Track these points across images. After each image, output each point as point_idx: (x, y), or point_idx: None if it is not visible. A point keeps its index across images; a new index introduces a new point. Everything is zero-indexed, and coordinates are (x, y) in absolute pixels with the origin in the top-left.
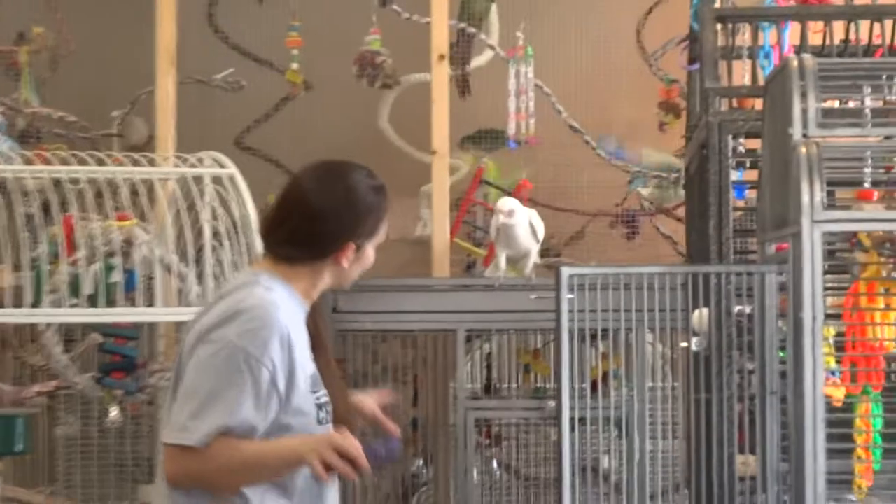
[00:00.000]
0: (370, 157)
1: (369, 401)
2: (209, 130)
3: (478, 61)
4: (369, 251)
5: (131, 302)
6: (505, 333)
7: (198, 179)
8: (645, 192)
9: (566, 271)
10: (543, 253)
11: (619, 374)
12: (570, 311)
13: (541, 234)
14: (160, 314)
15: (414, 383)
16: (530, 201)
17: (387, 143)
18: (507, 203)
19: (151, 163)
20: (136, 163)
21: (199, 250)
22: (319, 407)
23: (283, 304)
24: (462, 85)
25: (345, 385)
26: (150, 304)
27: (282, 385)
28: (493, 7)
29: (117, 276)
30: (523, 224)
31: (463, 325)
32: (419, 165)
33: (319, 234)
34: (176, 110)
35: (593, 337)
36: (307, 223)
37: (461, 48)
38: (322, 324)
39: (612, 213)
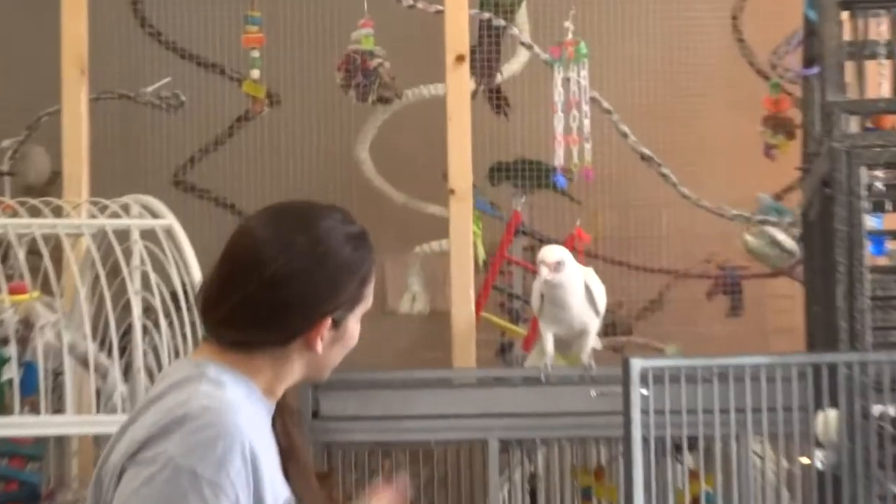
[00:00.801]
0: (359, 202)
1: None
2: (137, 165)
3: (510, 67)
4: (352, 325)
5: (31, 408)
6: (555, 444)
7: (122, 234)
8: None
9: (638, 363)
10: (607, 330)
11: (713, 500)
12: (645, 414)
13: (602, 303)
14: (72, 424)
15: None
16: (587, 257)
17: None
18: (552, 252)
19: (57, 211)
20: (35, 212)
21: (126, 334)
22: None
23: (242, 404)
24: (496, 99)
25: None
26: (58, 410)
27: None
28: None
29: (11, 373)
30: (577, 288)
31: (496, 433)
32: (417, 216)
33: (282, 309)
34: (90, 137)
35: (678, 448)
36: (264, 294)
37: (487, 47)
38: (295, 430)
39: (704, 272)
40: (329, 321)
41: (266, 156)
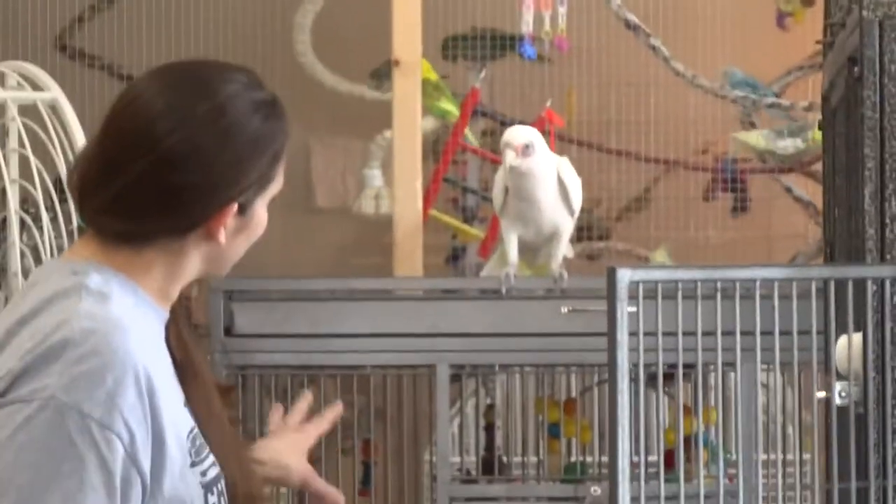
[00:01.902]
0: (284, 78)
1: (288, 451)
2: (13, 25)
3: None
4: (260, 211)
5: None
6: (517, 372)
7: None
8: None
9: (626, 274)
10: (580, 233)
11: (709, 441)
12: (633, 336)
13: (577, 200)
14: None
15: (363, 454)
16: (560, 143)
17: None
18: (520, 134)
19: None
20: None
21: (0, 230)
22: (207, 488)
23: (132, 320)
24: None
25: (239, 438)
26: None
27: (145, 462)
28: None
29: None
30: (548, 180)
31: (446, 356)
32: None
33: (179, 193)
34: None
35: (668, 378)
36: (157, 175)
37: None
38: (192, 340)
39: (699, 165)
40: (234, 206)
41: (171, 16)
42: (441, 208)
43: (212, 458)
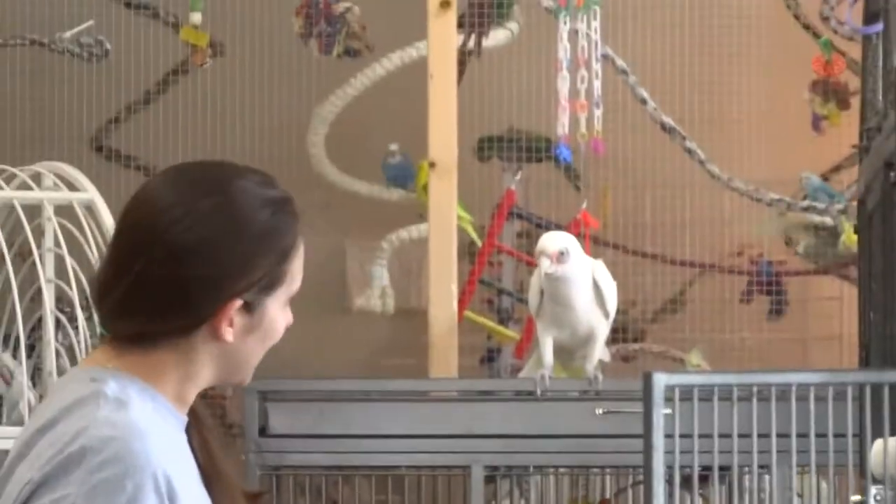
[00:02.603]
0: (318, 179)
1: None
2: (50, 126)
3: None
4: (273, 312)
5: None
6: (552, 473)
7: (33, 209)
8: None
9: (662, 378)
10: (615, 335)
11: None
12: (669, 437)
13: (612, 303)
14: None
15: None
16: (595, 245)
17: (348, 146)
18: (555, 240)
19: None
20: None
21: (35, 330)
22: None
23: (152, 425)
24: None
25: None
26: None
27: None
28: None
29: None
30: (583, 283)
31: (481, 457)
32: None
33: (182, 287)
34: None
35: (702, 480)
36: (161, 269)
37: None
38: (215, 442)
39: (735, 266)
40: (238, 303)
41: (205, 118)
42: (476, 309)
43: None
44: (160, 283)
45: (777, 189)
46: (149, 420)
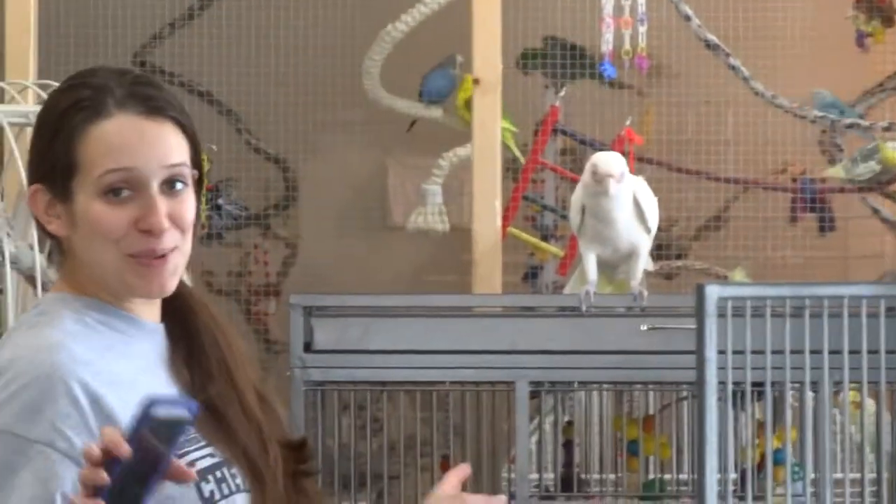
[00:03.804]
0: (361, 97)
1: None
2: (95, 41)
3: None
4: (85, 204)
5: None
6: (596, 389)
7: None
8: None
9: (714, 291)
10: (658, 252)
11: (783, 458)
12: (721, 354)
13: (653, 220)
14: None
15: (441, 471)
16: (639, 164)
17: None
18: (616, 161)
19: None
20: None
21: None
22: (200, 476)
23: (67, 336)
24: None
25: (275, 418)
26: None
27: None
28: None
29: None
30: (626, 201)
31: (525, 373)
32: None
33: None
34: (38, 5)
35: (742, 397)
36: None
37: None
38: (205, 315)
39: (778, 184)
40: (38, 190)
41: (250, 34)
42: (518, 226)
43: (204, 449)
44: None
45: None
46: (67, 332)
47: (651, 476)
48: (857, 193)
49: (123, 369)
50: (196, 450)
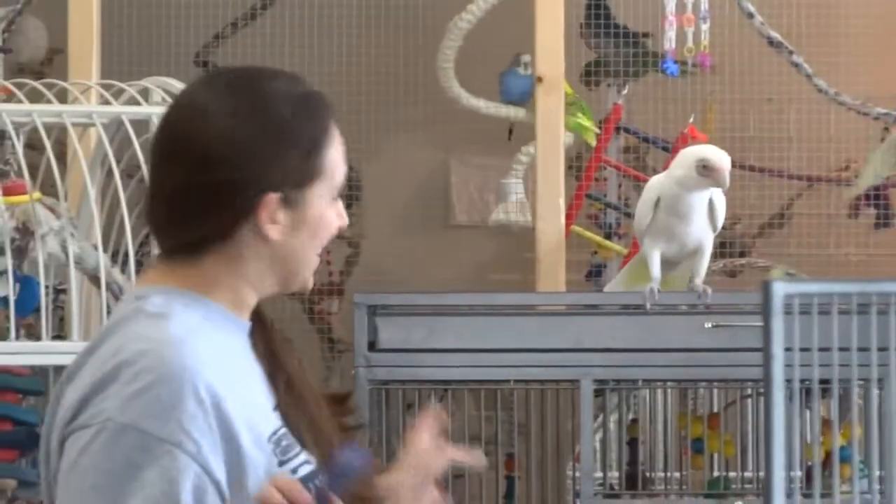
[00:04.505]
0: (424, 96)
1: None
2: (157, 41)
3: None
4: (317, 206)
5: (29, 332)
6: (660, 387)
7: (141, 124)
8: None
9: (781, 287)
10: (721, 249)
11: (849, 455)
12: (788, 351)
13: (721, 217)
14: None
15: (506, 469)
16: None
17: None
18: (720, 155)
19: (61, 96)
20: (35, 96)
21: (143, 245)
22: (305, 484)
23: (193, 335)
24: None
25: (339, 437)
26: (61, 335)
27: (218, 468)
28: None
29: (5, 289)
30: (703, 199)
31: (590, 371)
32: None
33: (217, 188)
34: (101, 7)
35: (808, 393)
36: (199, 174)
37: None
38: (281, 347)
39: (841, 180)
40: (273, 197)
41: (309, 35)
42: (581, 224)
43: (303, 455)
44: (197, 188)
45: (884, 104)
46: (191, 329)
47: (716, 474)
48: None
49: (236, 372)
50: (295, 456)
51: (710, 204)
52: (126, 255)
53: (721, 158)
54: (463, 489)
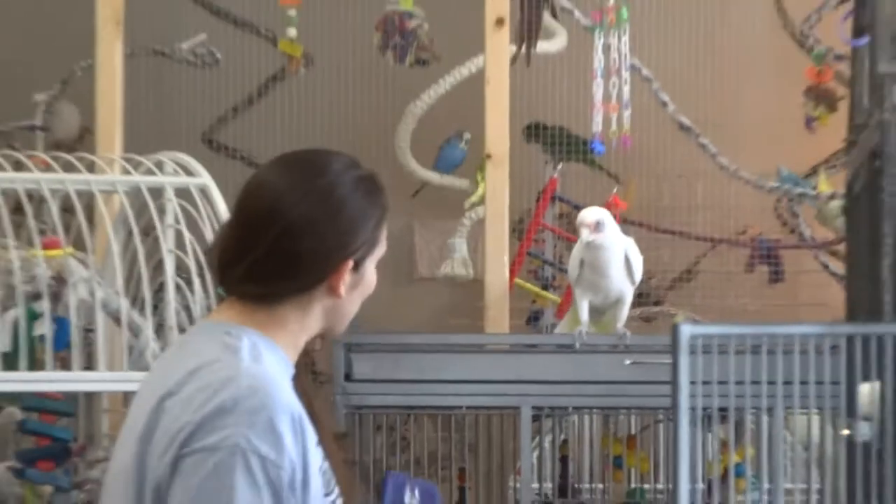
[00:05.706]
0: (390, 169)
1: None
2: (170, 122)
3: (548, 46)
4: (370, 270)
5: (62, 364)
6: (587, 413)
7: (156, 192)
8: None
9: (687, 330)
10: (639, 299)
11: (743, 471)
12: (693, 384)
13: (638, 273)
14: (104, 381)
15: (459, 481)
16: (623, 224)
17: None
18: (592, 212)
19: (91, 167)
20: (68, 167)
21: (158, 292)
22: None
23: (278, 375)
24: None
25: (353, 475)
26: (90, 366)
27: (300, 492)
28: None
29: (43, 328)
30: (618, 255)
31: (528, 400)
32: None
33: (304, 256)
34: (124, 93)
35: (709, 419)
36: (285, 243)
37: (528, 13)
38: (314, 390)
39: (739, 241)
40: (351, 263)
41: (299, 116)
42: (523, 277)
43: (337, 489)
44: (284, 255)
45: (775, 179)
46: (275, 370)
47: (633, 486)
48: (810, 251)
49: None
50: (333, 490)
51: (627, 260)
52: (143, 300)
53: (583, 214)
54: None
